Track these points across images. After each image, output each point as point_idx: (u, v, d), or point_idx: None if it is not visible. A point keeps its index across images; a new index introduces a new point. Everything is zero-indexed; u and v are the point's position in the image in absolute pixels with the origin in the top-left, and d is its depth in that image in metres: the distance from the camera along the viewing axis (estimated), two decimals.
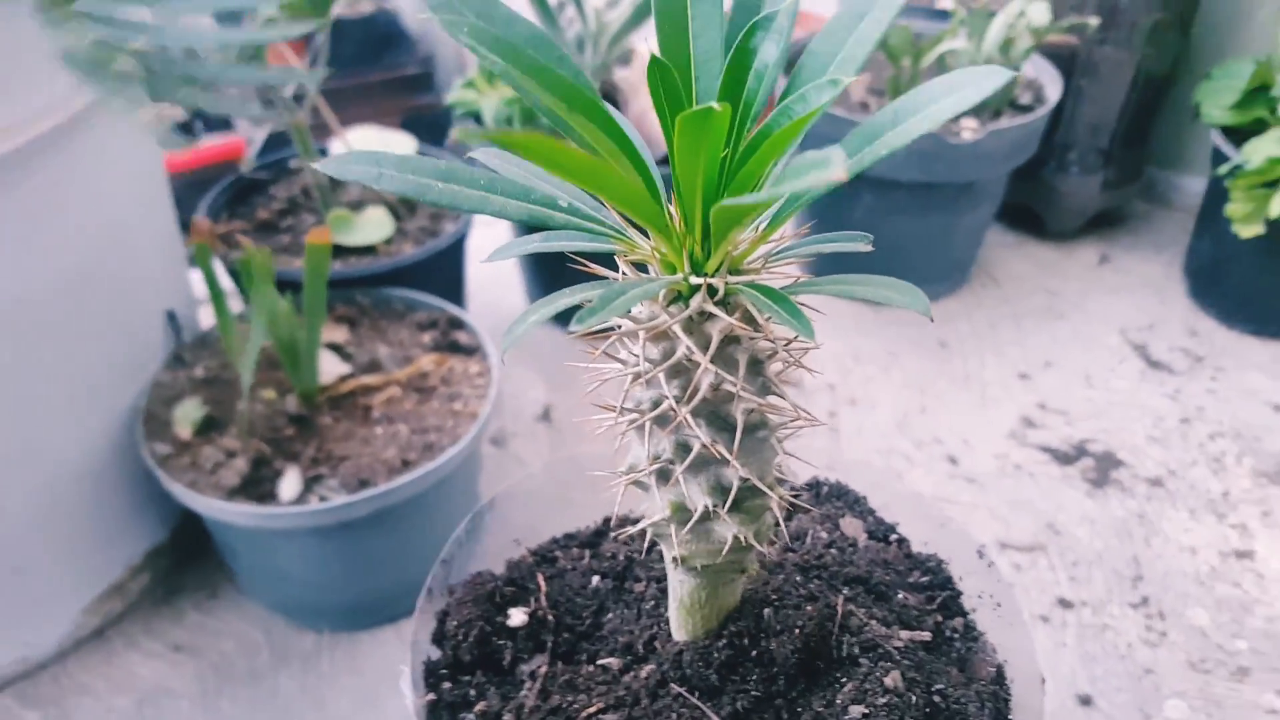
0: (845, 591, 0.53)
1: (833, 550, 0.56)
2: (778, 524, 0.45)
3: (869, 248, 0.40)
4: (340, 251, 1.11)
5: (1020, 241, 1.53)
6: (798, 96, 0.34)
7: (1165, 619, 0.99)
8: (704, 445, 0.41)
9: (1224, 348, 1.31)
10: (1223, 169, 1.23)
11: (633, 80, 1.22)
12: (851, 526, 0.58)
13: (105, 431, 0.91)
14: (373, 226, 1.12)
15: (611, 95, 1.28)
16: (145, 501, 0.96)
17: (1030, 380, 1.28)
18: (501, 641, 0.50)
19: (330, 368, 0.99)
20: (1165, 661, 0.95)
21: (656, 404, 0.41)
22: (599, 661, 0.51)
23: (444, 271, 1.16)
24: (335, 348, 1.02)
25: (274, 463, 0.91)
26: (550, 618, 0.52)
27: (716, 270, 0.39)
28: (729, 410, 0.41)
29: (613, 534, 0.59)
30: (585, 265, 0.43)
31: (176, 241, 1.01)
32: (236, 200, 1.18)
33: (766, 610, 0.49)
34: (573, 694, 0.48)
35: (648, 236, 0.40)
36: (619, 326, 0.41)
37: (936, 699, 0.48)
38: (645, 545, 0.56)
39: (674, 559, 0.45)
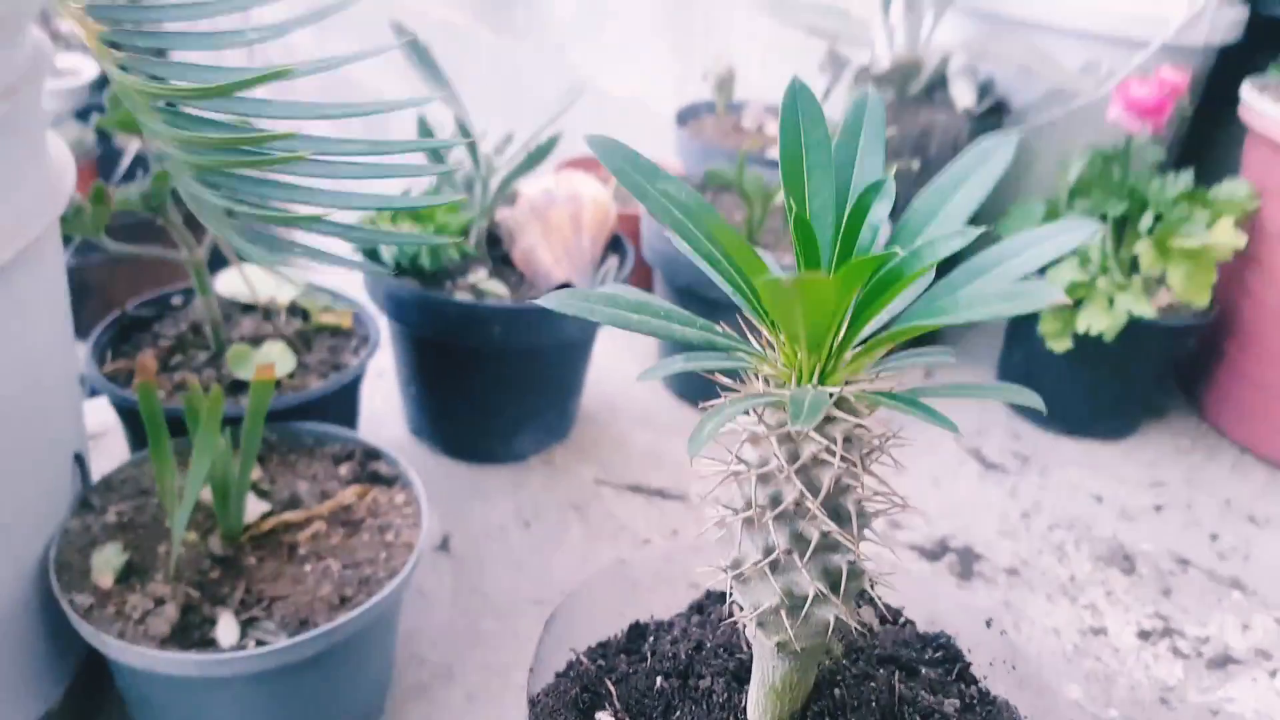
0: (881, 671, 0.58)
1: (858, 635, 0.61)
2: (860, 606, 0.51)
3: (954, 361, 0.48)
4: (240, 388, 1.10)
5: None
6: (927, 244, 0.41)
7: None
8: (823, 535, 0.46)
9: (1045, 448, 1.49)
10: None
11: (518, 219, 1.28)
12: (866, 613, 0.64)
13: (10, 585, 0.85)
14: (276, 362, 1.11)
15: (495, 234, 1.33)
16: (43, 658, 0.89)
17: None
18: None
19: (251, 507, 0.96)
20: None
21: (776, 500, 0.46)
22: None
23: (344, 403, 1.16)
24: (251, 485, 1.00)
25: (203, 608, 0.88)
26: (627, 719, 0.55)
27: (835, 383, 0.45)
28: (842, 501, 0.47)
29: (650, 637, 0.62)
30: None
31: (77, 380, 0.97)
32: (120, 339, 1.14)
33: (837, 690, 0.54)
34: None
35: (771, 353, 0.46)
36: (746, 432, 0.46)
37: None
38: (691, 644, 0.59)
39: (777, 644, 0.49)
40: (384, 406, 1.42)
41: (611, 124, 1.88)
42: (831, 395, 0.44)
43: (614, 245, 1.34)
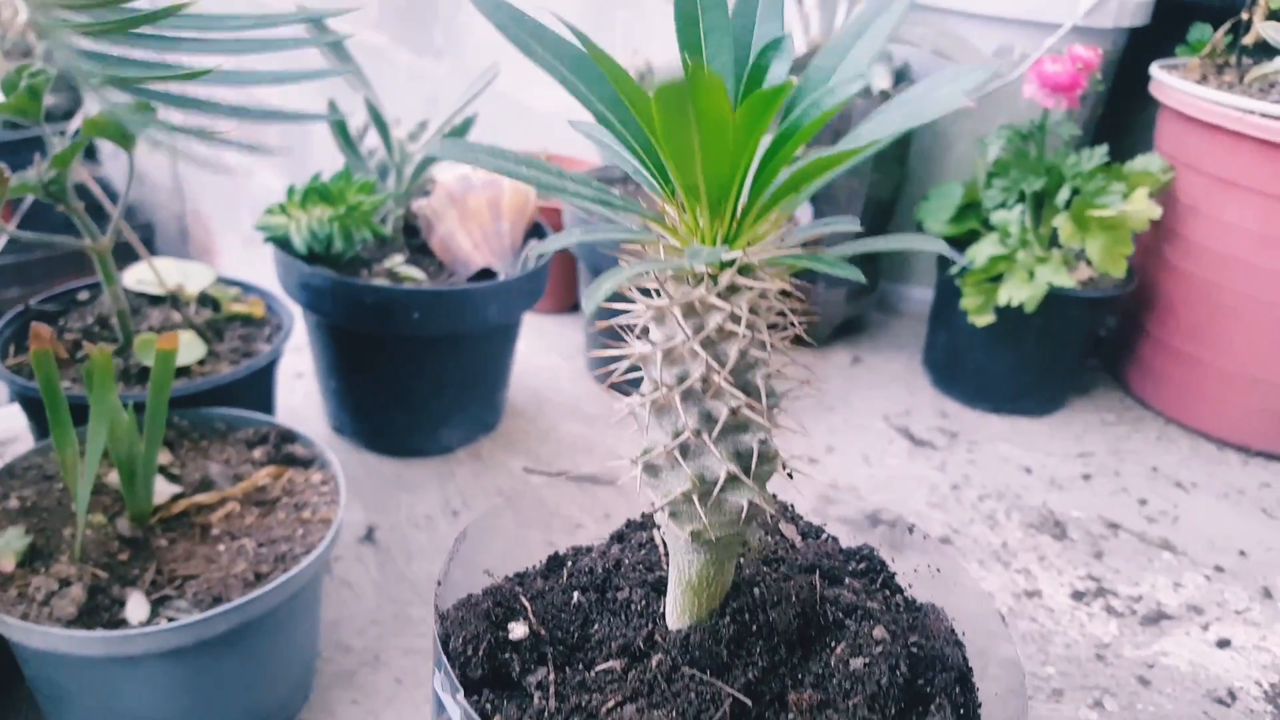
0: (802, 576, 0.57)
1: (779, 548, 0.60)
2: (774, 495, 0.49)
3: (859, 228, 0.47)
4: (148, 375, 1.06)
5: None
6: (825, 91, 0.41)
7: (983, 656, 1.09)
8: (732, 412, 0.45)
9: (972, 425, 1.50)
10: (954, 269, 1.43)
11: (435, 206, 1.27)
12: (787, 530, 0.63)
13: None
14: (184, 350, 1.08)
15: (413, 224, 1.31)
16: None
17: (819, 463, 1.39)
18: (507, 655, 0.50)
19: (160, 489, 0.93)
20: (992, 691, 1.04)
21: (683, 378, 0.45)
22: (598, 668, 0.52)
23: (257, 391, 1.13)
24: (160, 469, 0.96)
25: (111, 589, 0.84)
26: (543, 632, 0.53)
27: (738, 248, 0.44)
28: (750, 377, 0.45)
29: (569, 563, 0.60)
30: None
31: None
32: (23, 335, 1.09)
33: (756, 589, 0.52)
34: (588, 694, 0.49)
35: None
36: (652, 304, 0.45)
37: (914, 649, 0.53)
38: (610, 562, 0.58)
39: (691, 534, 0.48)
40: (304, 405, 1.38)
41: (535, 133, 1.87)
42: (733, 261, 0.43)
43: (535, 232, 1.33)
